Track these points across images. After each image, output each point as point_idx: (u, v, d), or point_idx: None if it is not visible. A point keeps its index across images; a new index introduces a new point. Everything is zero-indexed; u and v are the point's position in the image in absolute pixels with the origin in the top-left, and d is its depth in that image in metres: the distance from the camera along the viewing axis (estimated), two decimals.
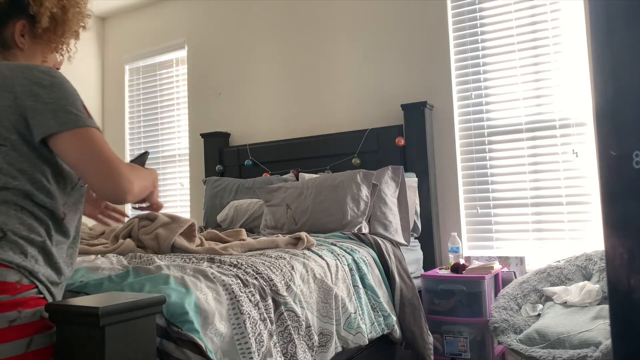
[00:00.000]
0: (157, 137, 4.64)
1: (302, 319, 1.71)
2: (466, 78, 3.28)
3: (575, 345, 2.14)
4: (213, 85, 4.31)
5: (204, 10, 4.40)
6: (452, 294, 2.67)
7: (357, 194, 2.85)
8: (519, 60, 3.11)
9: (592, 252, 2.62)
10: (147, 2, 4.68)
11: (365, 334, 2.05)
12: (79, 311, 1.03)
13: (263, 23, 4.07)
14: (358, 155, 3.40)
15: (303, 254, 2.02)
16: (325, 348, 1.84)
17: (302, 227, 2.90)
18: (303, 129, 3.81)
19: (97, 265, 1.66)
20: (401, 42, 3.47)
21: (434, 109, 3.32)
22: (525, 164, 3.06)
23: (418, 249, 3.11)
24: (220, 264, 1.72)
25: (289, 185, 3.13)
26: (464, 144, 3.26)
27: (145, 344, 1.13)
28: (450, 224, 3.23)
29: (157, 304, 1.15)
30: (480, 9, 3.24)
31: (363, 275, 2.25)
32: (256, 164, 3.84)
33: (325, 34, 3.77)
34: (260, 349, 1.47)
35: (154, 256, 1.92)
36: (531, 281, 2.64)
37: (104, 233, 2.65)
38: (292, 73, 3.91)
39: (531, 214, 3.03)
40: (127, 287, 1.40)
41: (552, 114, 3.00)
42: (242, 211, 3.33)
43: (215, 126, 4.25)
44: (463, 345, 2.62)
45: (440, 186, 3.28)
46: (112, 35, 4.98)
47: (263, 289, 1.62)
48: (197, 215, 4.21)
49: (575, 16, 2.97)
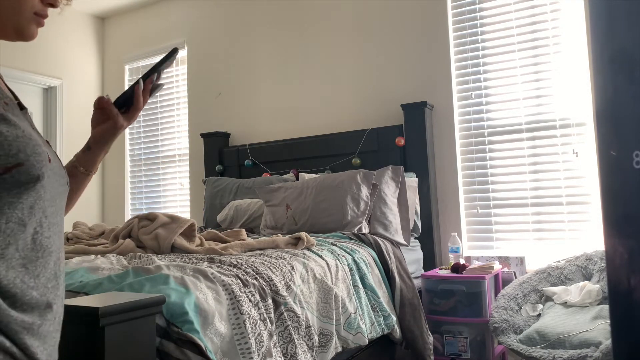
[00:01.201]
0: (157, 137, 4.64)
1: (302, 319, 1.71)
2: (466, 78, 3.27)
3: (576, 345, 2.13)
4: (213, 85, 4.31)
5: (204, 10, 4.40)
6: (452, 294, 2.67)
7: (357, 194, 2.85)
8: (519, 60, 3.11)
9: (592, 252, 2.62)
10: (147, 2, 4.68)
11: (365, 334, 2.05)
12: (79, 311, 1.03)
13: (263, 23, 4.07)
14: (358, 155, 3.40)
15: (303, 254, 2.02)
16: (325, 348, 1.84)
17: (302, 227, 2.90)
18: (303, 129, 3.81)
19: (96, 265, 1.66)
20: (401, 42, 3.47)
21: (434, 109, 3.32)
22: (525, 164, 3.06)
23: (418, 249, 3.11)
24: (220, 264, 1.72)
25: (289, 185, 3.13)
26: (464, 144, 3.26)
27: (145, 344, 1.13)
28: (450, 224, 3.23)
29: (157, 304, 1.15)
30: (480, 9, 3.24)
31: (363, 275, 2.25)
32: (256, 164, 3.84)
33: (326, 34, 3.77)
34: (260, 349, 1.46)
35: (153, 256, 1.92)
36: (531, 281, 2.64)
37: (103, 233, 2.65)
38: (292, 73, 3.91)
39: (531, 214, 3.03)
40: (127, 287, 1.39)
41: (552, 114, 3.00)
42: (242, 211, 3.33)
43: (215, 126, 4.25)
44: (463, 345, 2.62)
45: (440, 186, 3.28)
46: (112, 35, 4.98)
47: (263, 289, 1.62)
48: (197, 215, 4.21)
49: (575, 16, 2.97)
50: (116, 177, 4.82)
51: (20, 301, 0.73)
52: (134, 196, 4.74)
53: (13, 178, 0.73)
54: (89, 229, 2.80)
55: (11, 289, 0.72)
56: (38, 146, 0.77)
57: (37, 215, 0.78)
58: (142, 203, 4.68)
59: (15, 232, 0.74)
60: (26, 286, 0.74)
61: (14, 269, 0.73)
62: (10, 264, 0.73)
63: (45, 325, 0.77)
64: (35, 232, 0.77)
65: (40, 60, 4.43)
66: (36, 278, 0.76)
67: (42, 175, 0.76)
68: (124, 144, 4.80)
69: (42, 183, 0.77)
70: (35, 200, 0.77)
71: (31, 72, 4.33)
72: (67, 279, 1.50)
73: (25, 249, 0.76)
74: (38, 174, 0.76)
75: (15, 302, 0.73)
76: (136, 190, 4.73)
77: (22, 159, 0.74)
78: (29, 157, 0.75)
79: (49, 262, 0.79)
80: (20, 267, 0.74)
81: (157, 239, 2.07)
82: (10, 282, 0.72)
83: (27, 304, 0.74)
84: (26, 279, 0.75)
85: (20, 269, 0.74)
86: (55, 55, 4.54)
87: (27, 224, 0.76)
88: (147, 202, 4.64)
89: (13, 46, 4.21)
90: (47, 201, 0.79)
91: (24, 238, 0.76)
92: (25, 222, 0.75)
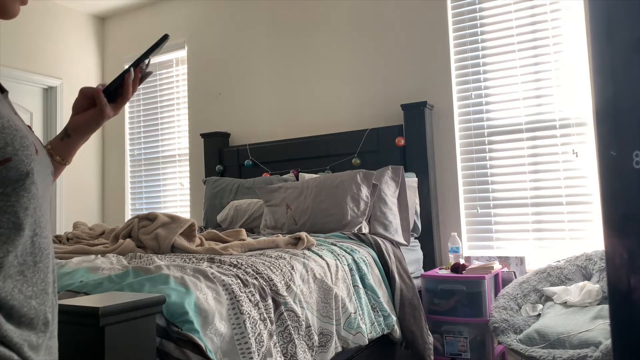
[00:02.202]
0: (157, 137, 4.64)
1: (302, 319, 1.71)
2: (466, 78, 3.27)
3: (575, 345, 2.13)
4: (213, 85, 4.31)
5: (204, 10, 4.40)
6: (452, 294, 2.67)
7: (357, 194, 2.85)
8: (519, 60, 3.11)
9: (592, 252, 2.62)
10: (147, 2, 4.68)
11: (365, 334, 2.05)
12: (79, 311, 1.03)
13: (263, 23, 4.07)
14: (358, 155, 3.40)
15: (303, 254, 2.02)
16: (325, 348, 1.84)
17: (302, 227, 2.90)
18: (303, 129, 3.81)
19: (97, 265, 1.66)
20: (401, 42, 3.47)
21: (434, 109, 3.32)
22: (525, 164, 3.06)
23: (418, 249, 3.11)
24: (220, 264, 1.72)
25: (289, 185, 3.13)
26: (464, 144, 3.26)
27: (145, 344, 1.13)
28: (450, 224, 3.23)
29: (157, 304, 1.15)
30: (480, 9, 3.24)
31: (363, 275, 2.25)
32: (256, 164, 3.84)
33: (326, 34, 3.77)
34: (260, 349, 1.46)
35: (153, 256, 1.92)
36: (531, 281, 2.64)
37: (103, 233, 2.65)
38: (292, 73, 3.91)
39: (531, 214, 3.03)
40: (127, 287, 1.39)
41: (552, 114, 3.00)
42: (242, 211, 3.33)
43: (215, 126, 4.25)
44: (463, 345, 2.62)
45: (440, 186, 3.28)
46: (112, 35, 4.98)
47: (263, 289, 1.62)
48: (197, 215, 4.21)
49: (575, 16, 2.97)
50: (116, 177, 4.82)
51: (18, 313, 0.66)
52: (134, 196, 4.74)
53: (0, 175, 0.64)
54: (89, 229, 2.80)
55: (9, 302, 0.65)
56: (25, 138, 0.68)
57: (34, 216, 0.70)
58: (142, 203, 4.68)
59: (13, 238, 0.66)
60: (23, 296, 0.67)
61: (11, 278, 0.66)
62: (8, 273, 0.65)
63: (45, 337, 0.71)
64: (34, 234, 0.69)
65: (40, 60, 4.43)
66: (34, 285, 0.69)
67: (31, 170, 0.67)
68: (124, 144, 4.80)
69: (32, 179, 0.68)
70: (29, 200, 0.68)
71: (31, 72, 4.33)
72: (67, 279, 1.50)
73: (24, 254, 0.68)
74: (27, 169, 0.67)
75: (12, 315, 0.65)
76: (136, 190, 4.73)
77: (10, 153, 0.64)
78: (17, 152, 0.66)
79: (48, 265, 0.72)
80: (17, 275, 0.67)
81: (157, 239, 2.07)
82: (7, 294, 0.65)
83: (26, 316, 0.67)
84: (24, 288, 0.67)
85: (18, 277, 0.67)
86: (55, 55, 4.54)
87: (25, 227, 0.67)
88: (147, 202, 4.64)
89: (13, 46, 4.21)
90: (40, 198, 0.71)
91: (23, 243, 0.67)
92: (22, 225, 0.67)
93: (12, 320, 0.65)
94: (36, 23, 4.40)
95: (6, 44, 4.15)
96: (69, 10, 4.67)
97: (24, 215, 0.67)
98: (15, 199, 0.66)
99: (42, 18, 4.44)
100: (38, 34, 4.41)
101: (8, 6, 0.78)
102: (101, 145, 4.92)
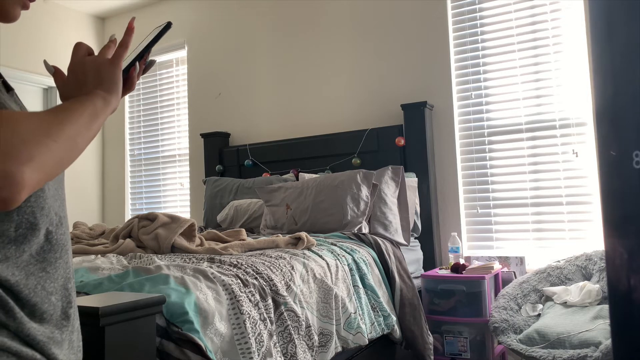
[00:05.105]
0: (157, 137, 4.64)
1: (302, 319, 1.71)
2: (466, 78, 3.27)
3: (575, 345, 2.14)
4: (213, 85, 4.31)
5: (204, 10, 4.40)
6: (452, 294, 2.67)
7: (357, 194, 2.85)
8: (519, 60, 3.11)
9: (592, 252, 2.62)
10: (147, 2, 4.68)
11: (365, 334, 2.05)
12: (79, 311, 1.03)
13: (263, 23, 4.07)
14: (358, 155, 3.40)
15: (303, 254, 2.02)
16: (325, 348, 1.84)
17: (302, 227, 2.90)
18: (303, 129, 3.81)
19: (97, 265, 1.66)
20: (401, 42, 3.47)
21: (434, 109, 3.32)
22: (525, 164, 3.06)
23: (418, 249, 3.11)
24: (220, 264, 1.72)
25: (289, 185, 3.13)
26: (464, 144, 3.26)
27: (145, 344, 1.13)
28: (450, 224, 3.23)
29: (157, 304, 1.15)
30: (480, 9, 3.24)
31: (363, 275, 2.25)
32: (256, 164, 3.84)
33: (326, 34, 3.77)
34: (260, 349, 1.46)
35: (154, 256, 1.92)
36: (531, 281, 2.64)
37: (104, 233, 2.65)
38: (292, 73, 3.91)
39: (531, 214, 3.03)
40: (127, 287, 1.40)
41: (552, 114, 3.00)
42: (242, 211, 3.33)
43: (215, 126, 4.25)
44: (463, 345, 2.62)
45: (440, 186, 3.28)
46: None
47: (263, 289, 1.62)
48: (197, 215, 4.21)
49: (575, 16, 2.97)
50: (116, 177, 4.82)
51: (40, 310, 0.67)
52: (134, 196, 4.74)
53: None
54: (89, 229, 2.80)
55: (31, 299, 0.66)
56: None
57: (50, 215, 0.70)
58: (142, 203, 4.68)
59: (29, 237, 0.67)
60: (46, 292, 0.68)
61: (34, 275, 0.67)
62: (30, 271, 0.67)
63: (67, 330, 0.72)
64: (48, 232, 0.70)
65: (40, 60, 4.43)
66: (55, 281, 0.71)
67: None
68: (124, 144, 4.80)
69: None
70: (45, 200, 0.68)
71: (31, 72, 4.33)
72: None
73: (43, 251, 0.69)
74: None
75: (35, 312, 0.67)
76: (136, 190, 4.73)
77: None
78: None
79: (68, 261, 0.73)
80: (40, 272, 0.68)
81: (157, 239, 2.07)
82: (30, 291, 0.66)
83: (47, 312, 0.68)
84: (47, 285, 0.69)
85: (40, 273, 0.68)
86: (55, 55, 4.54)
87: (41, 226, 0.68)
88: (147, 202, 4.65)
89: (13, 46, 4.21)
90: (51, 197, 0.71)
91: (38, 242, 0.68)
92: (39, 225, 0.68)
93: (34, 318, 0.67)
94: (36, 23, 4.40)
95: (6, 44, 4.15)
96: (69, 10, 4.67)
97: (40, 214, 0.68)
98: (33, 199, 0.67)
99: (42, 18, 4.44)
100: (38, 34, 4.41)
101: (9, 10, 0.78)
102: (101, 145, 4.92)
